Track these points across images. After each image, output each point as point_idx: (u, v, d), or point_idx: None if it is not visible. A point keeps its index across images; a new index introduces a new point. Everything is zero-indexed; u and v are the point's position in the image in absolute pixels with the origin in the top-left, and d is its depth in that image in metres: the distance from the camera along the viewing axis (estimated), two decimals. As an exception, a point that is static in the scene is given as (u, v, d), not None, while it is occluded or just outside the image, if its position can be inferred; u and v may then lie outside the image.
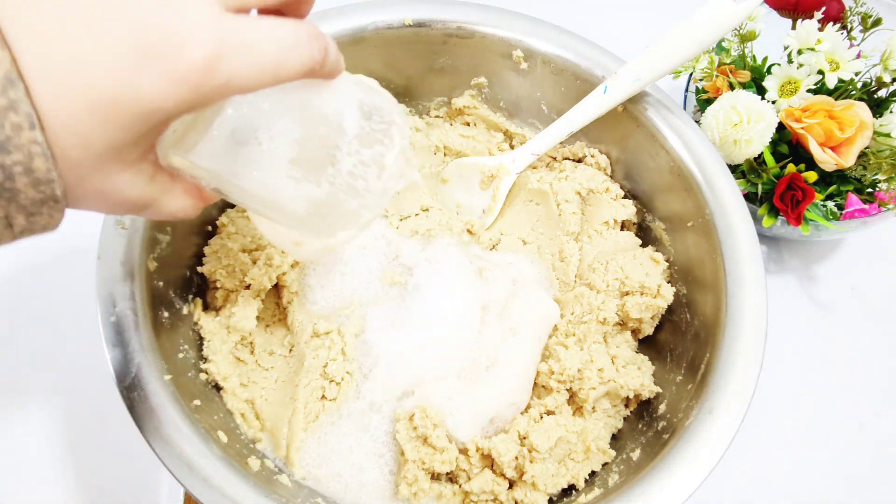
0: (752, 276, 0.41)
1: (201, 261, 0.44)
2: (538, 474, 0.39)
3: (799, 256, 0.59)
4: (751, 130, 0.48)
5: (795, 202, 0.48)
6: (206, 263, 0.44)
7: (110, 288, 0.37)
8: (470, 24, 0.49)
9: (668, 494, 0.35)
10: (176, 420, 0.35)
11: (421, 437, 0.41)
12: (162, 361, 0.37)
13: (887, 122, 0.49)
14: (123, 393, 0.35)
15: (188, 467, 0.34)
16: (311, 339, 0.43)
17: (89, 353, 0.50)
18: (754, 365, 0.39)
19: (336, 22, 0.47)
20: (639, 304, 0.45)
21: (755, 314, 0.40)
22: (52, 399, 0.49)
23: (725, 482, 0.49)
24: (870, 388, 0.54)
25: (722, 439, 0.36)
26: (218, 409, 0.41)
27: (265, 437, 0.42)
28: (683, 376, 0.43)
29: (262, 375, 0.44)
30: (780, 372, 0.54)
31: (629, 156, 0.50)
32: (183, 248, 0.44)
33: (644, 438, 0.42)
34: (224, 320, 0.44)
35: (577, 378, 0.43)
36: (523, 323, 0.45)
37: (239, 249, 0.44)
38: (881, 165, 0.49)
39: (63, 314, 0.53)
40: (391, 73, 0.52)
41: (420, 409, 0.41)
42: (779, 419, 0.52)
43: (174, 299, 0.42)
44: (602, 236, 0.49)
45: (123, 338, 0.36)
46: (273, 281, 0.45)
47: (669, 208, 0.48)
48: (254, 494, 0.34)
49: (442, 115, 0.55)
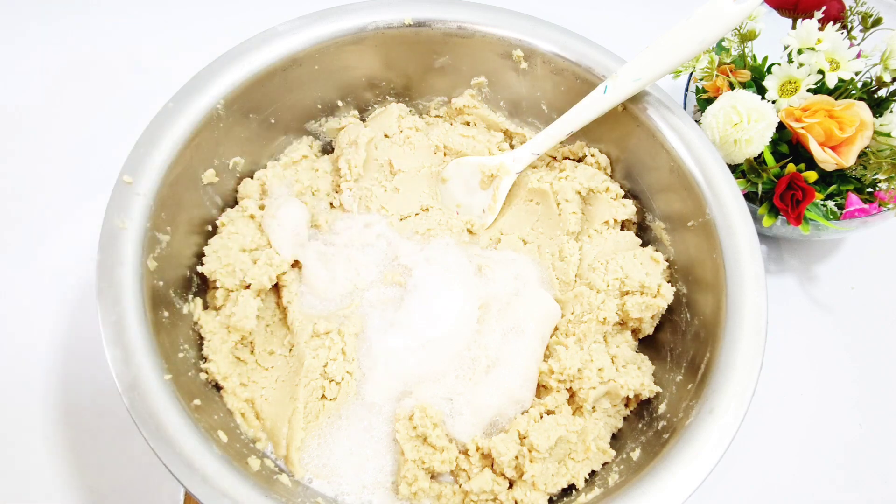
0: (752, 276, 0.41)
1: (201, 260, 0.45)
2: (538, 474, 0.39)
3: (799, 256, 0.59)
4: (751, 130, 0.47)
5: (796, 202, 0.48)
6: (206, 263, 0.44)
7: (111, 288, 0.37)
8: (470, 24, 0.49)
9: (669, 494, 0.35)
10: (176, 420, 0.35)
11: (420, 437, 0.41)
12: (162, 361, 0.37)
13: (887, 121, 0.49)
14: (124, 392, 0.35)
15: (188, 467, 0.34)
16: (311, 339, 0.44)
17: (90, 353, 0.50)
18: (754, 365, 0.39)
19: (336, 21, 0.47)
20: (639, 303, 0.45)
21: (755, 314, 0.40)
22: (53, 398, 0.49)
23: (726, 481, 0.49)
24: (870, 387, 0.54)
25: (722, 439, 0.36)
26: (218, 409, 0.41)
27: (265, 437, 0.42)
28: (684, 376, 0.43)
29: (262, 375, 0.44)
30: (781, 371, 0.54)
31: (629, 155, 0.50)
32: (183, 247, 0.44)
33: (644, 438, 0.42)
34: (224, 319, 0.44)
35: (577, 378, 0.43)
36: (526, 321, 0.45)
37: (239, 249, 0.45)
38: (881, 165, 0.49)
39: (63, 314, 0.53)
40: (391, 73, 0.52)
41: (419, 409, 0.41)
42: (779, 419, 0.52)
43: (174, 299, 0.42)
44: (602, 236, 0.49)
45: (124, 337, 0.36)
46: (273, 280, 0.45)
47: (669, 208, 0.48)
48: (254, 494, 0.34)
49: (442, 115, 0.55)
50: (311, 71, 0.48)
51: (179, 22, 0.69)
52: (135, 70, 0.65)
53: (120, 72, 0.65)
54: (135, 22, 0.69)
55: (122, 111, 0.54)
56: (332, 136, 0.54)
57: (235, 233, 0.45)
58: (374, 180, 0.52)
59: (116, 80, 0.64)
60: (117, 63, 0.65)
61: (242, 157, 0.48)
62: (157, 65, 0.64)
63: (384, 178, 0.52)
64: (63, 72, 0.65)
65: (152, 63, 0.65)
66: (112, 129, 0.51)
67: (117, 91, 0.63)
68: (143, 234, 0.39)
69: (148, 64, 0.65)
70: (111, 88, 0.64)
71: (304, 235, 0.47)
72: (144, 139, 0.41)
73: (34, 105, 0.63)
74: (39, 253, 0.55)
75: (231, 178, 0.48)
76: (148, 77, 0.60)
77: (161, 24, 0.69)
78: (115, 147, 0.42)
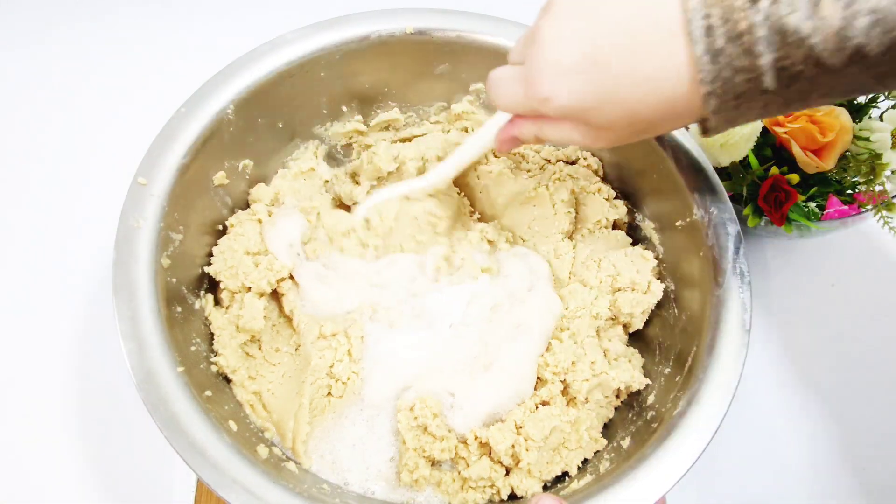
0: (737, 274, 0.43)
1: (210, 260, 0.46)
2: (533, 462, 0.41)
3: (781, 255, 0.61)
4: (736, 135, 0.49)
5: (779, 203, 0.50)
6: (213, 263, 0.46)
7: (126, 284, 0.39)
8: (469, 33, 0.50)
9: (656, 480, 0.37)
10: (188, 410, 0.36)
11: (421, 427, 0.42)
12: (175, 354, 0.38)
13: (866, 126, 0.51)
14: (138, 384, 0.36)
15: (200, 455, 0.35)
16: (317, 340, 0.45)
17: (106, 346, 0.52)
18: (738, 358, 0.40)
19: (341, 30, 0.49)
20: (630, 299, 0.47)
21: (739, 309, 0.41)
22: (70, 390, 0.51)
23: (711, 469, 0.51)
24: (849, 381, 0.56)
25: (707, 428, 0.38)
26: (228, 400, 0.42)
27: (273, 428, 0.43)
28: (672, 368, 0.45)
29: (269, 370, 0.46)
30: (764, 364, 0.56)
31: (620, 158, 0.52)
32: (195, 247, 0.45)
33: (634, 427, 0.44)
34: (233, 318, 0.45)
35: (570, 370, 0.44)
36: (534, 319, 0.46)
37: (243, 252, 0.46)
38: (860, 168, 0.51)
39: (81, 308, 0.54)
40: (393, 79, 0.53)
41: (420, 400, 0.43)
42: (762, 409, 0.54)
43: (187, 295, 0.44)
44: (594, 235, 0.51)
45: (138, 332, 0.38)
46: (273, 286, 0.46)
47: (659, 209, 0.50)
48: (263, 481, 0.35)
49: (441, 121, 0.57)
50: (317, 77, 0.49)
51: (192, 30, 0.71)
52: (149, 76, 0.67)
53: (135, 78, 0.67)
54: (149, 31, 0.71)
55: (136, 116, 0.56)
56: (337, 140, 0.55)
57: (241, 235, 0.47)
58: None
59: (132, 86, 0.67)
60: (132, 70, 0.68)
61: (251, 160, 0.50)
62: (171, 71, 0.66)
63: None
64: (83, 79, 0.67)
65: (166, 70, 0.67)
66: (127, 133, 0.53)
67: (133, 97, 0.66)
68: (157, 234, 0.41)
69: (161, 70, 0.67)
70: (127, 94, 0.66)
71: (297, 248, 0.48)
72: (158, 142, 0.43)
73: (54, 110, 0.65)
74: (59, 251, 0.57)
75: (241, 179, 0.50)
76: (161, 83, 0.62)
77: (174, 33, 0.71)
78: (131, 150, 0.43)
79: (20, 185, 0.60)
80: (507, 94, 0.36)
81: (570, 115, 0.33)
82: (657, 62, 0.29)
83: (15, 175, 0.61)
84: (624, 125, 0.32)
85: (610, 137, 0.34)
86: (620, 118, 0.32)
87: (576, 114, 0.32)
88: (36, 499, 0.47)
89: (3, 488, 0.47)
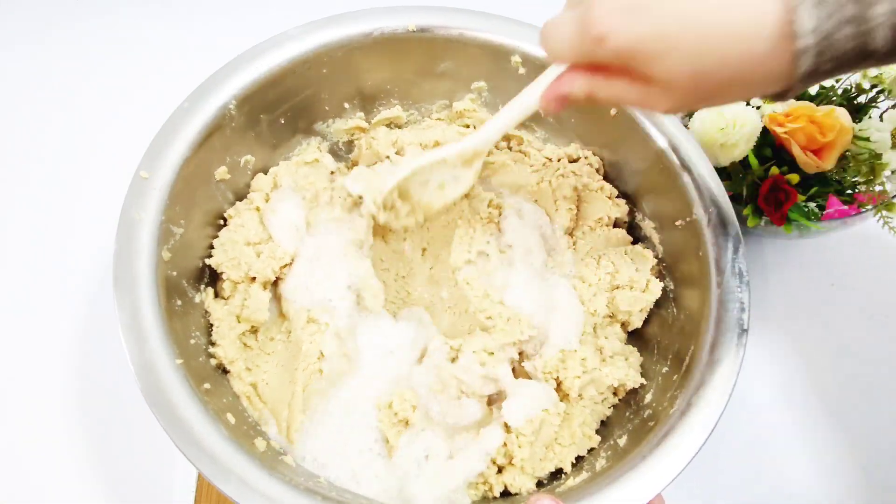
0: (736, 274, 0.43)
1: (211, 253, 0.46)
2: (526, 458, 0.41)
3: (781, 254, 0.61)
4: (736, 134, 0.50)
5: (779, 203, 0.50)
6: (214, 255, 0.46)
7: (127, 277, 0.39)
8: (470, 31, 0.51)
9: (652, 478, 0.37)
10: (187, 402, 0.37)
11: (403, 421, 0.42)
12: (174, 347, 0.39)
13: (866, 126, 0.51)
14: (138, 375, 0.37)
15: (198, 448, 0.35)
16: (306, 325, 0.45)
17: (106, 346, 0.52)
18: (736, 358, 0.40)
19: (344, 27, 0.49)
20: (628, 297, 0.47)
21: (738, 309, 0.42)
22: (70, 390, 0.51)
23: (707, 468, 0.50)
24: (848, 381, 0.56)
25: (704, 428, 0.38)
26: (226, 393, 0.43)
27: (271, 420, 0.43)
28: (669, 367, 0.45)
29: (265, 360, 0.46)
30: (762, 364, 0.56)
31: (621, 157, 0.52)
32: (196, 239, 0.46)
33: (631, 426, 0.44)
34: (235, 310, 0.45)
35: (561, 368, 0.45)
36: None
37: (244, 243, 0.46)
38: (860, 168, 0.51)
39: (81, 308, 0.55)
40: (395, 76, 0.54)
41: (398, 395, 0.43)
42: (760, 409, 0.54)
43: (187, 288, 0.44)
44: (595, 232, 0.51)
45: (138, 324, 0.38)
46: (277, 273, 0.46)
47: (658, 208, 0.50)
48: (260, 473, 0.36)
49: (443, 118, 0.57)
50: (319, 74, 0.50)
51: (192, 30, 0.72)
52: (149, 76, 0.68)
53: (137, 75, 0.68)
54: (149, 31, 0.71)
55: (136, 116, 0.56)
56: (339, 137, 0.56)
57: (241, 226, 0.47)
58: None
59: (132, 86, 0.67)
60: (135, 67, 0.68)
61: (253, 156, 0.50)
62: (171, 71, 0.66)
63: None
64: (83, 79, 0.67)
65: (166, 69, 0.68)
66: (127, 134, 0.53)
67: (133, 97, 0.66)
68: (158, 227, 0.41)
69: (161, 70, 0.68)
70: (127, 94, 0.66)
71: (302, 230, 0.48)
72: (160, 137, 0.43)
73: (54, 110, 0.65)
74: (59, 251, 0.57)
75: (243, 174, 0.50)
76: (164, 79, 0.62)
77: (174, 33, 0.71)
78: (131, 150, 0.44)
79: (20, 185, 0.60)
80: (560, 37, 0.31)
81: (627, 60, 0.28)
82: (736, 5, 0.24)
83: (15, 175, 0.61)
84: (687, 83, 0.27)
85: (670, 100, 0.29)
86: (683, 73, 0.27)
87: (635, 60, 0.28)
88: (36, 499, 0.47)
89: (3, 488, 0.47)
